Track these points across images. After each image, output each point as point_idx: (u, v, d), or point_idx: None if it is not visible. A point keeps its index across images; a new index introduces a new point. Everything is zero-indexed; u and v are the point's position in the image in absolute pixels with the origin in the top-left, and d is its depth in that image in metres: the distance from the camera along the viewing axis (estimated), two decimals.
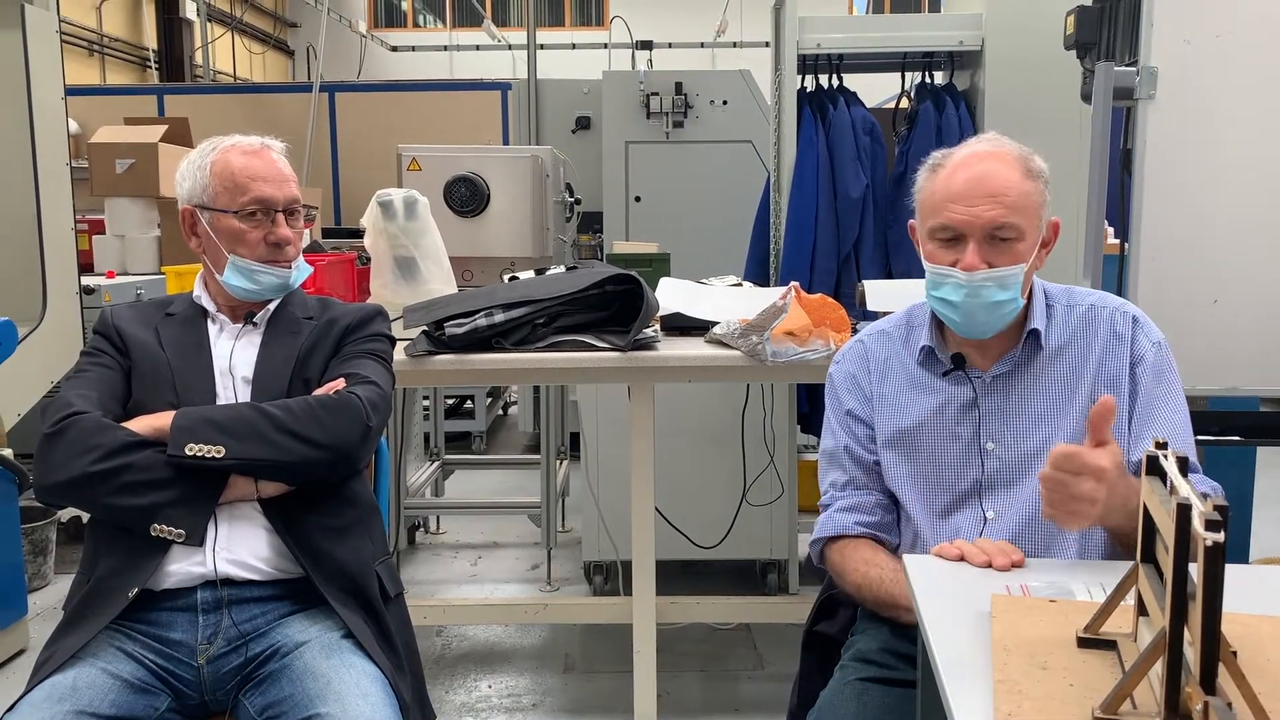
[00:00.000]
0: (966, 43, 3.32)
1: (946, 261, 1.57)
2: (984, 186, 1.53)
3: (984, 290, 1.54)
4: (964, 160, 1.57)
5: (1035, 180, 1.56)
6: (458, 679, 3.12)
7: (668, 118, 4.81)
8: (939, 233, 1.57)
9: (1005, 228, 1.53)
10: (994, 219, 1.53)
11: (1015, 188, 1.53)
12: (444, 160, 3.40)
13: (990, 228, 1.53)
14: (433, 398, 4.77)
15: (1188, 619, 0.91)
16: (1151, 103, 2.24)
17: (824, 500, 1.74)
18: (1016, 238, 1.54)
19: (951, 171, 1.57)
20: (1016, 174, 1.54)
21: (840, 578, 1.69)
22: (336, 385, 1.74)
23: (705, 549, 3.44)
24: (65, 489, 1.63)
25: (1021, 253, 1.55)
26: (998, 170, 1.54)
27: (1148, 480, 1.06)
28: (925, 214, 1.61)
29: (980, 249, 1.54)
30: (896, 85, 3.58)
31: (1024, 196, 1.54)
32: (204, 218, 1.81)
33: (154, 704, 1.58)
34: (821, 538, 1.71)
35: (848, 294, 3.06)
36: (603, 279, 2.44)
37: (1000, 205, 1.52)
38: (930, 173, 1.61)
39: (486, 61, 13.41)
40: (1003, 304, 1.56)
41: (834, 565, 1.70)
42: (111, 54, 11.90)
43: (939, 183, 1.58)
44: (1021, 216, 1.54)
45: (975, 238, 1.54)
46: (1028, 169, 1.56)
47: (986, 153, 1.57)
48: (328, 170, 7.26)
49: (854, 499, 1.70)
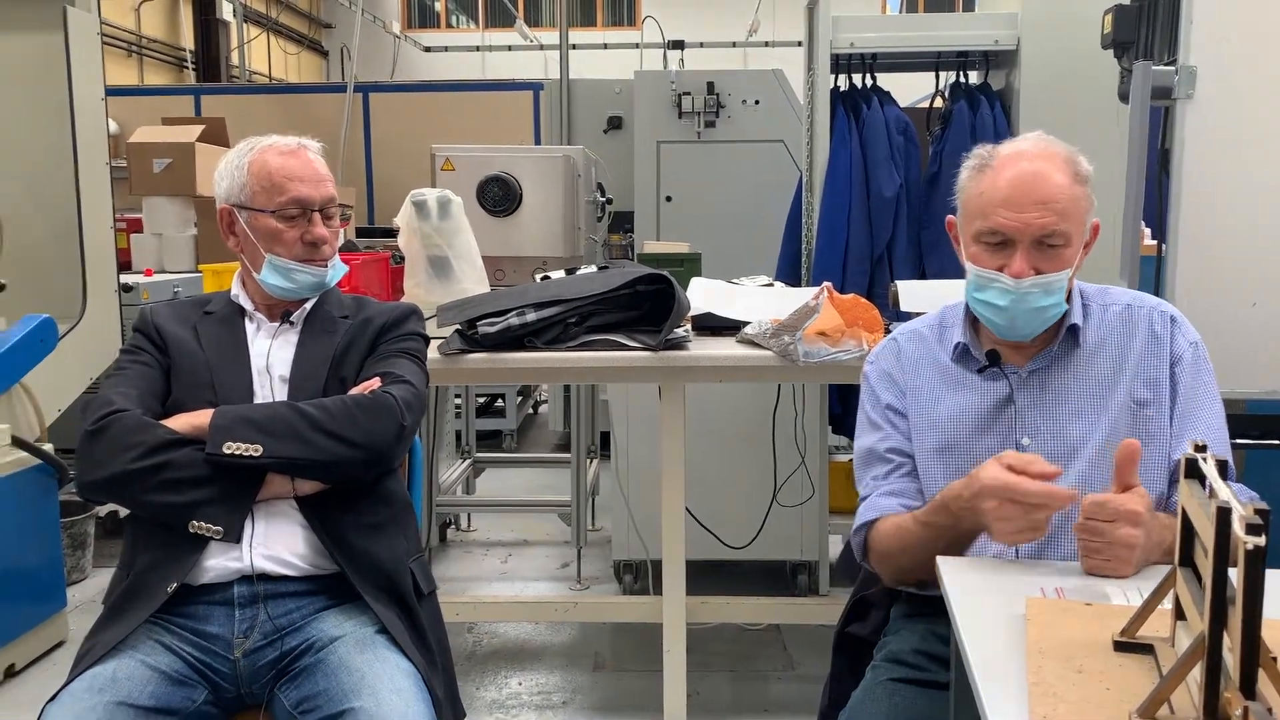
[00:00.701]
0: (1002, 42, 3.29)
1: (993, 266, 1.55)
2: (1034, 192, 1.50)
3: (1030, 296, 1.53)
4: (1012, 161, 1.54)
5: (1084, 185, 1.54)
6: (488, 676, 3.14)
7: (699, 117, 4.81)
8: (986, 236, 1.55)
9: (1055, 235, 1.51)
10: (1045, 226, 1.50)
11: (1065, 193, 1.51)
12: (477, 160, 3.42)
13: (1040, 235, 1.51)
14: (464, 396, 4.80)
15: (1227, 624, 0.90)
16: (1190, 102, 2.22)
17: (864, 493, 1.69)
18: (1064, 244, 1.52)
19: (999, 173, 1.54)
20: (1066, 178, 1.52)
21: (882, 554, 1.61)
22: (372, 384, 1.76)
23: (735, 549, 3.44)
24: (106, 485, 1.65)
25: (1068, 258, 1.54)
26: (1047, 174, 1.51)
27: (1186, 483, 1.05)
28: (970, 215, 1.58)
29: (1028, 255, 1.52)
30: (930, 84, 3.56)
31: (1073, 202, 1.52)
32: (242, 217, 1.84)
33: (191, 696, 1.60)
34: (865, 523, 1.64)
35: (880, 295, 3.05)
36: (634, 278, 2.45)
37: (1050, 212, 1.50)
38: (976, 172, 1.58)
39: (518, 62, 13.45)
40: (1047, 308, 1.55)
41: (876, 546, 1.62)
42: (149, 55, 12.04)
43: (986, 184, 1.55)
44: (1070, 222, 1.52)
45: (1024, 244, 1.52)
46: (1076, 173, 1.53)
47: (1035, 153, 1.54)
48: (361, 170, 7.32)
49: (897, 485, 1.65)
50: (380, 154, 7.34)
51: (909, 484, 1.66)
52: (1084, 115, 3.06)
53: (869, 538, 1.65)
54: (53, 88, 3.61)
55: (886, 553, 1.62)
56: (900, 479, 1.66)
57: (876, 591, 1.79)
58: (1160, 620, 1.12)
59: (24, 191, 3.74)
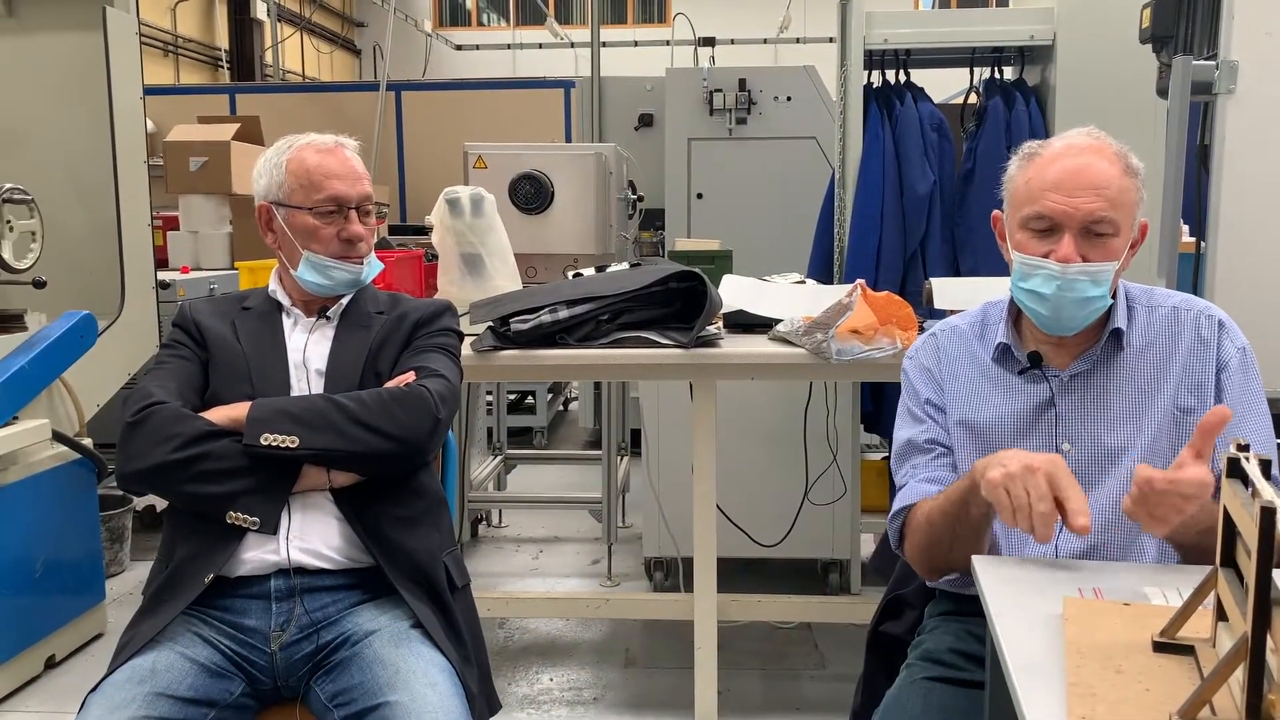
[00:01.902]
0: (1037, 37, 3.26)
1: (1039, 252, 1.53)
2: (1084, 178, 1.49)
3: (1077, 284, 1.51)
4: (1063, 150, 1.53)
5: (1134, 178, 1.53)
6: (520, 671, 3.15)
7: (731, 114, 4.79)
8: (1033, 222, 1.53)
9: (1104, 222, 1.50)
10: (1093, 211, 1.49)
11: (1115, 182, 1.50)
12: (509, 158, 3.44)
13: (1088, 220, 1.50)
14: (495, 393, 4.82)
15: (1270, 625, 0.89)
16: (1231, 97, 2.19)
17: (901, 481, 1.67)
18: (1113, 233, 1.51)
19: (1049, 160, 1.53)
20: (1117, 169, 1.51)
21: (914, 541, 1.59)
22: (407, 378, 1.77)
23: (766, 547, 3.43)
24: (145, 476, 1.68)
25: (1116, 249, 1.52)
26: (1098, 163, 1.51)
27: (1229, 483, 1.04)
28: (1018, 202, 1.57)
29: (1076, 241, 1.50)
30: (964, 80, 3.53)
31: (1123, 192, 1.51)
32: (279, 214, 1.85)
33: (229, 688, 1.62)
34: (902, 508, 1.62)
35: (914, 292, 3.03)
36: (666, 276, 2.45)
37: (1101, 198, 1.49)
38: (1025, 161, 1.57)
39: (549, 59, 13.48)
40: (1093, 300, 1.53)
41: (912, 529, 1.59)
42: (185, 54, 12.19)
43: (1034, 170, 1.54)
44: (1120, 212, 1.50)
45: (1072, 229, 1.50)
46: (1127, 165, 1.53)
47: (1086, 145, 1.53)
48: (394, 168, 7.36)
49: (937, 472, 1.64)
50: (412, 152, 7.38)
51: (948, 472, 1.64)
52: (1121, 111, 3.01)
53: (905, 524, 1.63)
54: (92, 87, 3.66)
55: (916, 539, 1.60)
56: (940, 468, 1.64)
57: (911, 590, 1.78)
58: (1200, 621, 1.10)
59: (64, 190, 3.79)
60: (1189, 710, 0.95)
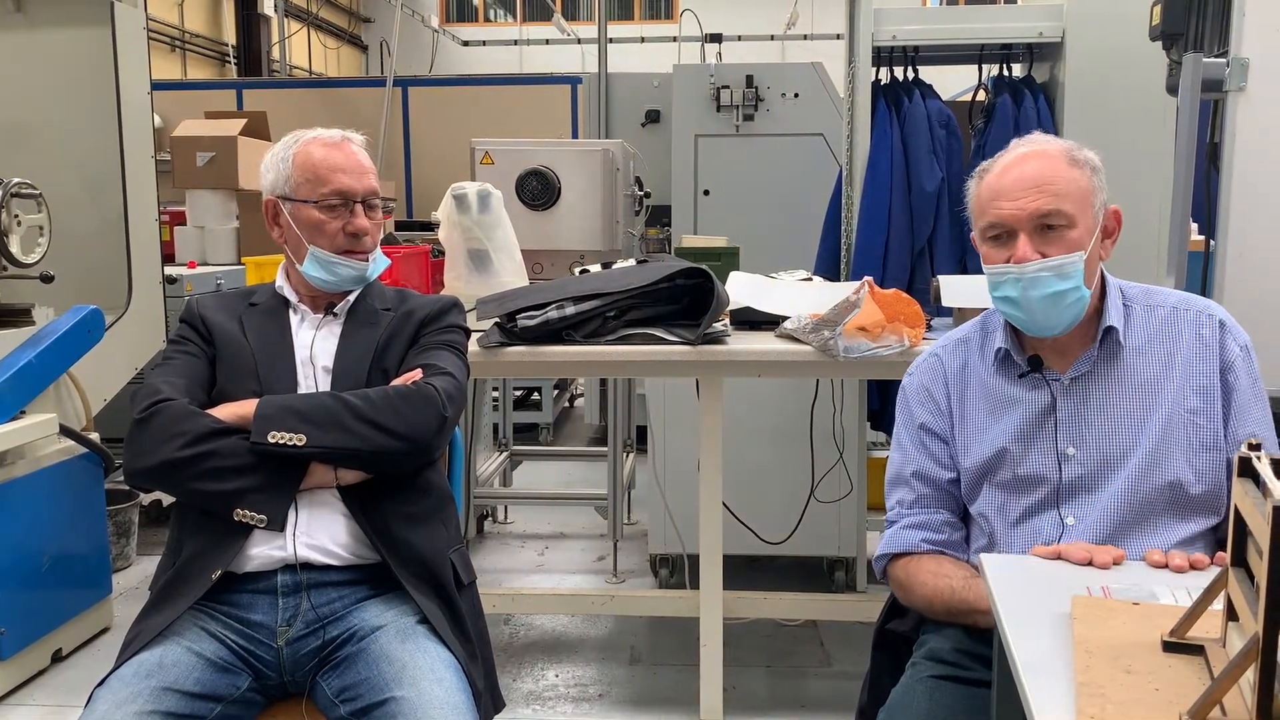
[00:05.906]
0: (1046, 34, 3.24)
1: (1001, 260, 1.56)
2: (1026, 179, 1.54)
3: (1040, 280, 1.53)
4: (1009, 161, 1.58)
5: (1082, 168, 1.55)
6: (525, 667, 3.15)
7: (738, 111, 4.78)
8: (989, 231, 1.58)
9: (1053, 215, 1.52)
10: (1040, 207, 1.52)
11: (1060, 174, 1.53)
12: (516, 154, 3.43)
13: (1037, 217, 1.53)
14: (501, 389, 4.82)
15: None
16: (1242, 94, 2.17)
17: (890, 517, 1.73)
18: (1067, 225, 1.53)
19: (997, 174, 1.58)
20: (1060, 162, 1.55)
21: (906, 592, 1.67)
22: (414, 376, 1.77)
23: (772, 545, 3.43)
24: (153, 473, 1.68)
25: (1075, 240, 1.53)
26: (1038, 163, 1.55)
27: (1240, 482, 1.03)
28: (976, 217, 1.62)
29: (1031, 240, 1.53)
30: (973, 77, 3.52)
31: (1069, 183, 1.53)
32: (286, 209, 1.85)
33: (235, 683, 1.62)
34: (886, 554, 1.70)
35: (921, 289, 3.02)
36: (673, 272, 2.44)
37: (1045, 193, 1.52)
38: (977, 179, 1.62)
39: (556, 55, 13.47)
40: (1064, 294, 1.53)
41: (898, 581, 1.69)
42: (192, 49, 12.20)
43: (984, 185, 1.59)
44: (1069, 203, 1.53)
45: (1025, 230, 1.54)
46: (1072, 158, 1.56)
47: (1028, 151, 1.58)
48: (400, 163, 7.35)
49: (921, 516, 1.68)
50: (419, 148, 7.37)
51: (932, 516, 1.68)
52: (1130, 109, 3.01)
53: (890, 569, 1.70)
54: (100, 82, 3.67)
55: (907, 589, 1.67)
56: (924, 511, 1.68)
57: None
58: (1210, 621, 1.10)
59: (72, 184, 3.80)
60: (1199, 711, 0.95)
